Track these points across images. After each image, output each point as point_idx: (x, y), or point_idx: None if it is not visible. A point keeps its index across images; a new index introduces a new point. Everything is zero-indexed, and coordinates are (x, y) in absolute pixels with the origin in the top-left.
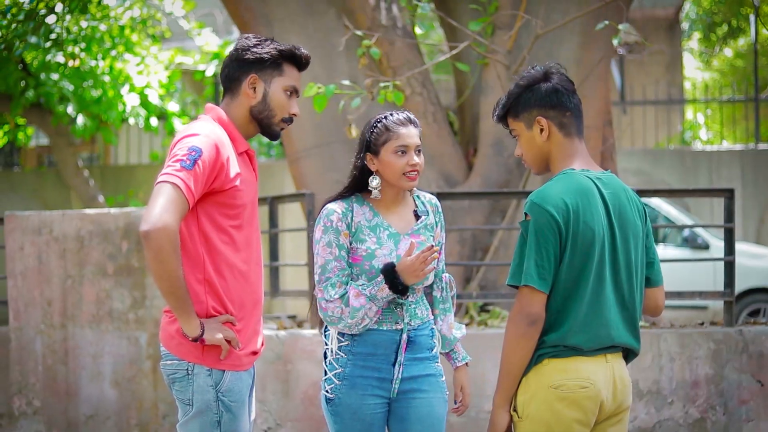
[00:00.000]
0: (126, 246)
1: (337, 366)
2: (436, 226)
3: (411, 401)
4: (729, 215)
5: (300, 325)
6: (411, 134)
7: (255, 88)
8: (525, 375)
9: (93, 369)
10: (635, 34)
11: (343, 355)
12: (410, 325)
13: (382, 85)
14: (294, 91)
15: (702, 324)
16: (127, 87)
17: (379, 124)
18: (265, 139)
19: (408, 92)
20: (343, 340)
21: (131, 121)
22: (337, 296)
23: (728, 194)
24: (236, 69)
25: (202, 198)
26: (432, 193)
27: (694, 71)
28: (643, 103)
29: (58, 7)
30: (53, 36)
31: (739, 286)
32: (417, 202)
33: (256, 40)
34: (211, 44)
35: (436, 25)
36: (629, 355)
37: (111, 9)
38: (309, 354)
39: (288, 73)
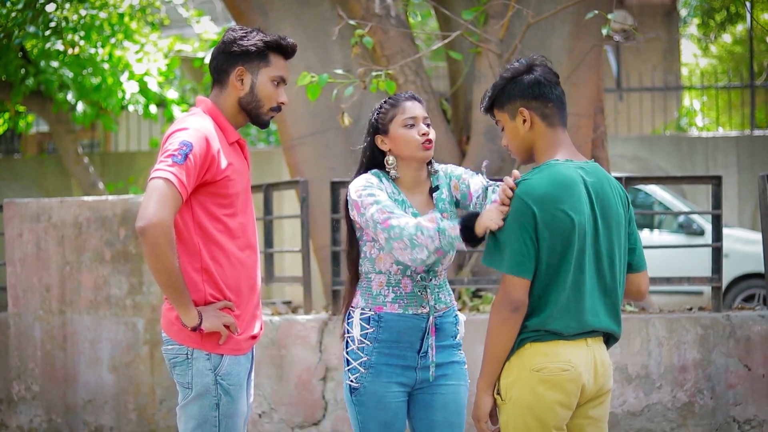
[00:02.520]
0: (123, 233)
1: (362, 354)
2: (451, 186)
3: (436, 388)
4: (717, 202)
5: (294, 310)
6: (417, 107)
7: (242, 80)
8: (508, 359)
9: (91, 354)
10: (625, 23)
11: (368, 343)
12: (435, 309)
13: (374, 73)
14: (281, 81)
15: (690, 309)
16: (126, 74)
17: (384, 104)
18: None
19: (401, 80)
20: (367, 326)
21: (131, 108)
22: (410, 222)
23: (716, 181)
24: (223, 61)
25: (196, 189)
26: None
27: (693, 57)
28: (639, 89)
29: None
30: (53, 24)
31: (735, 271)
32: (432, 179)
33: (242, 32)
34: (209, 32)
35: (433, 13)
36: (610, 339)
37: None
38: (303, 339)
39: (274, 63)
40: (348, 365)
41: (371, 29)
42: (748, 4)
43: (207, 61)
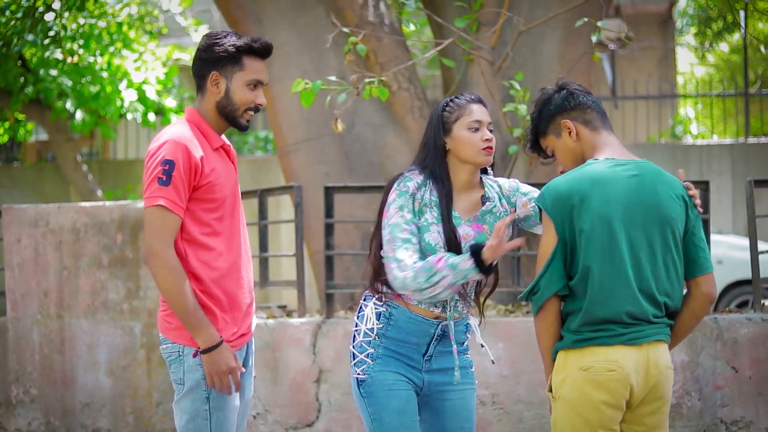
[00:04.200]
0: (120, 238)
1: (368, 347)
2: (514, 206)
3: (445, 394)
4: (704, 207)
5: (289, 314)
6: (483, 111)
7: (218, 85)
8: (561, 356)
9: (88, 358)
10: (620, 32)
11: (375, 337)
12: (448, 315)
13: (367, 80)
14: (257, 83)
15: None
16: (125, 83)
17: (451, 103)
18: (262, 134)
19: (395, 87)
20: (377, 322)
21: (129, 116)
22: (411, 259)
23: (704, 186)
24: (200, 67)
25: None
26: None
27: (690, 66)
28: (634, 97)
29: (56, 5)
30: (51, 33)
31: (728, 278)
32: (487, 188)
33: (215, 37)
34: None
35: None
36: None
37: (109, 6)
38: (297, 342)
39: (248, 66)
40: (354, 359)
41: (365, 37)
42: (742, 13)
43: None
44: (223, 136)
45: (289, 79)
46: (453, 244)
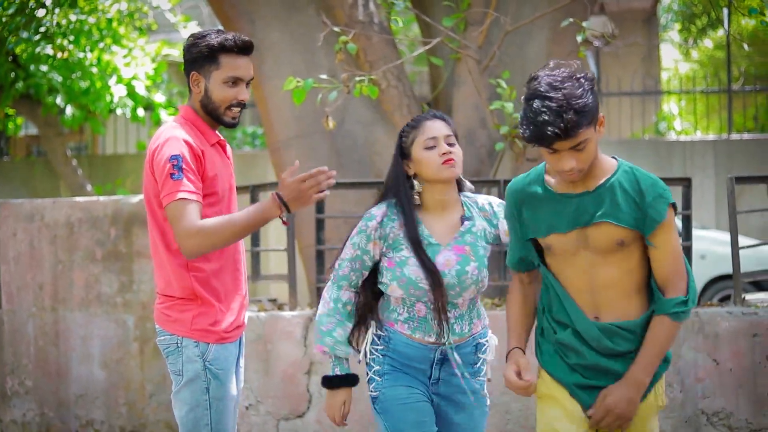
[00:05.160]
0: (114, 232)
1: (374, 364)
2: (496, 228)
3: (457, 404)
4: (687, 202)
5: (280, 307)
6: (438, 126)
7: (198, 84)
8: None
9: (82, 351)
10: (605, 29)
11: (379, 356)
12: (446, 341)
13: (357, 79)
14: (236, 80)
15: None
16: (114, 78)
17: (406, 128)
18: (249, 129)
19: (384, 85)
20: (378, 342)
21: (119, 111)
22: (331, 299)
23: (686, 183)
24: (185, 68)
25: None
26: None
27: (674, 62)
28: (618, 94)
29: (48, 1)
30: (42, 29)
31: (711, 272)
32: (465, 208)
33: (195, 38)
34: None
35: (415, 19)
36: None
37: (99, 2)
38: (288, 335)
39: (225, 64)
40: (367, 377)
41: (355, 36)
42: (725, 10)
43: None
44: (218, 132)
45: (280, 77)
46: (432, 274)
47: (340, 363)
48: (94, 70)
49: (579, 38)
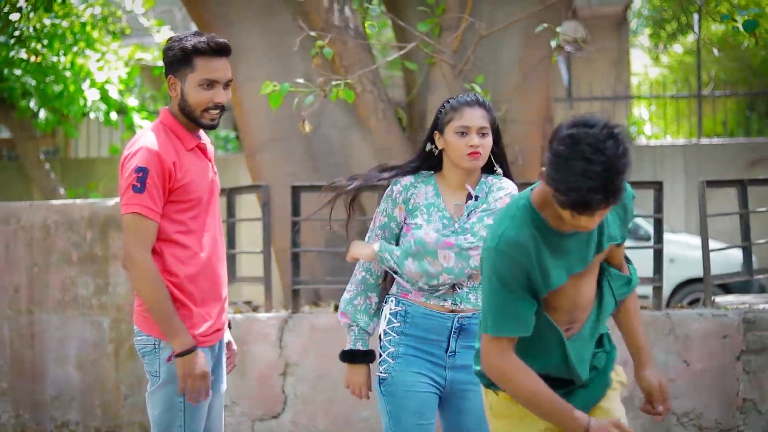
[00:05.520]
0: (90, 235)
1: (389, 346)
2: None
3: (466, 393)
4: (658, 206)
5: (255, 309)
6: (475, 115)
7: (174, 88)
8: None
9: (58, 352)
10: (577, 34)
11: (395, 335)
12: (460, 308)
13: (334, 83)
14: (212, 82)
15: None
16: (88, 82)
17: (446, 104)
18: (222, 133)
19: (359, 90)
20: (394, 321)
21: (92, 115)
22: (363, 269)
23: (657, 186)
24: (165, 72)
25: None
26: (386, 185)
27: (644, 67)
28: (589, 99)
29: (23, 5)
30: (17, 33)
31: (680, 275)
32: (480, 186)
33: (171, 42)
34: None
35: (388, 23)
36: None
37: (73, 6)
38: (264, 337)
39: (199, 66)
40: (379, 357)
41: (331, 40)
42: (695, 15)
43: None
44: (203, 134)
45: (256, 80)
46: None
47: (362, 337)
48: (68, 73)
49: (553, 43)
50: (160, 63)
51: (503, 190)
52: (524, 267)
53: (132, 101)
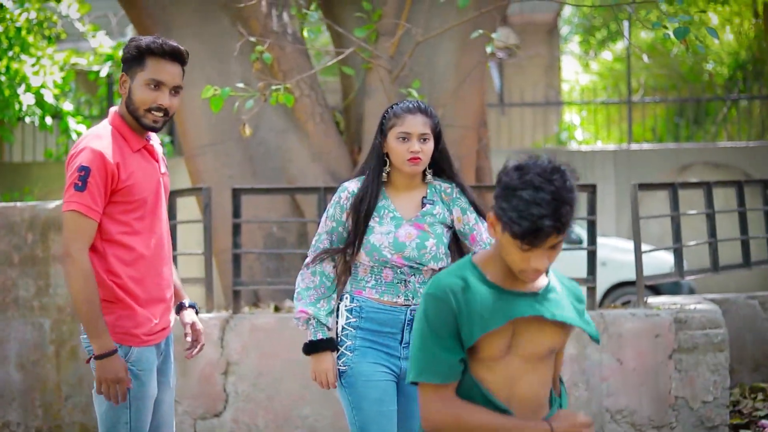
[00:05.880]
0: (31, 237)
1: (347, 340)
2: (451, 213)
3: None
4: (592, 209)
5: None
6: (416, 122)
7: (124, 85)
8: None
9: None
10: (508, 41)
11: (351, 330)
12: (413, 303)
13: (273, 87)
14: (158, 83)
15: None
16: (23, 87)
17: (390, 111)
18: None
19: (297, 94)
20: (350, 317)
21: (27, 119)
22: (315, 272)
23: (591, 189)
24: (121, 70)
25: None
26: (324, 188)
27: (575, 74)
28: (521, 104)
29: None
30: None
31: (612, 278)
32: (429, 191)
33: (129, 41)
34: (105, 46)
35: (323, 29)
36: None
37: (8, 11)
38: (206, 336)
39: (150, 66)
40: (338, 352)
41: (269, 46)
42: (625, 23)
43: (104, 73)
44: (154, 135)
45: (194, 85)
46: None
47: (322, 328)
48: (3, 78)
49: (489, 49)
50: (96, 68)
51: (450, 187)
52: (450, 311)
53: (67, 106)
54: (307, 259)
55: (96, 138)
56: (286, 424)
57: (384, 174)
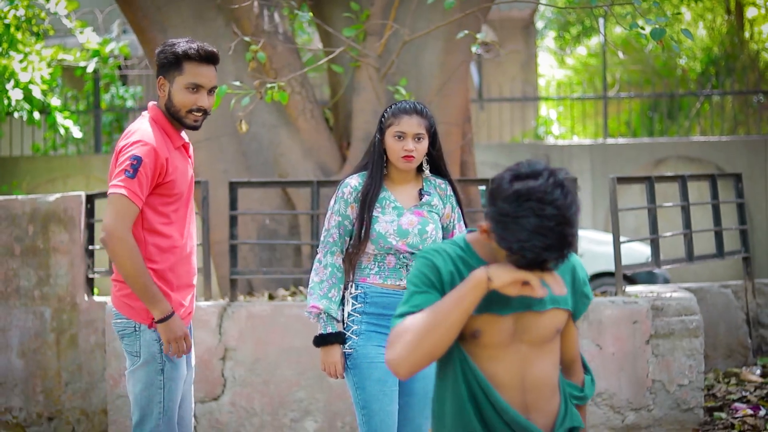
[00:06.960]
0: (32, 229)
1: (353, 325)
2: (444, 208)
3: (416, 374)
4: None
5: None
6: (411, 122)
7: (163, 89)
8: None
9: (1, 341)
10: (486, 38)
11: (357, 315)
12: None
13: (268, 85)
14: (197, 86)
15: None
16: (12, 82)
17: (387, 111)
18: None
19: (289, 92)
20: (356, 303)
21: (15, 114)
22: (327, 265)
23: (572, 181)
24: (156, 74)
25: None
26: (317, 182)
27: (550, 69)
28: (499, 100)
29: None
30: None
31: (589, 270)
32: (425, 184)
33: (165, 45)
34: (92, 42)
35: (307, 28)
36: None
37: None
38: (204, 323)
39: (188, 70)
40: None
41: (262, 45)
42: (601, 19)
43: (90, 69)
44: (183, 134)
45: None
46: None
47: (332, 322)
48: None
49: (474, 48)
50: (82, 63)
51: (444, 183)
52: (443, 269)
53: (55, 101)
54: (319, 255)
55: (148, 133)
56: (281, 408)
57: (384, 169)
